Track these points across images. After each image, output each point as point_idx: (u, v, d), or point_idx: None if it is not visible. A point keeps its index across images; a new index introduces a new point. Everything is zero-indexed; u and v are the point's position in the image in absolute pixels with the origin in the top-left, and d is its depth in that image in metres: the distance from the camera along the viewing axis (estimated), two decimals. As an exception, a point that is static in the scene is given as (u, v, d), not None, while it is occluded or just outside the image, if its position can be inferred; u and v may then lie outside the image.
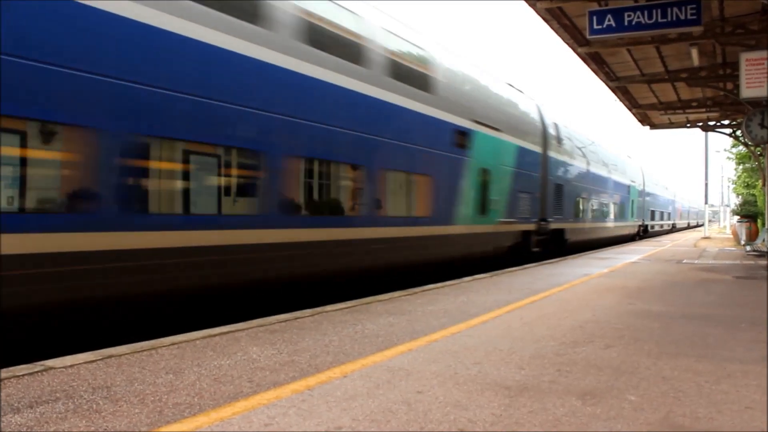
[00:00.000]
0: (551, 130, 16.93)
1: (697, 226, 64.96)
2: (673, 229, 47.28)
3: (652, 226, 36.13)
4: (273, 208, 7.04)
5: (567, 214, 17.99)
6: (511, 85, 14.73)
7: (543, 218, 15.76)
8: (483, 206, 12.30)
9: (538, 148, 15.72)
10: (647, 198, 33.93)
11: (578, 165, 19.68)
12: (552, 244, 16.53)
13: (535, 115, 15.95)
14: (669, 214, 45.30)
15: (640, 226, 31.19)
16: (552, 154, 16.81)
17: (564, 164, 18.03)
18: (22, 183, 4.84)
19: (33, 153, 4.88)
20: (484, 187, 12.35)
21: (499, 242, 13.27)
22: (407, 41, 9.87)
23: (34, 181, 4.97)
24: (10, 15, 4.50)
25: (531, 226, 14.98)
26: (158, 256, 5.54)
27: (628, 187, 27.88)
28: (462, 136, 11.34)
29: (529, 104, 15.71)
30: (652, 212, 36.28)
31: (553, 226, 16.51)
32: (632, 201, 28.68)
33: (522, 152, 14.47)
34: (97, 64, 5.04)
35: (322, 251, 7.78)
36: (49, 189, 5.11)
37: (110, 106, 5.17)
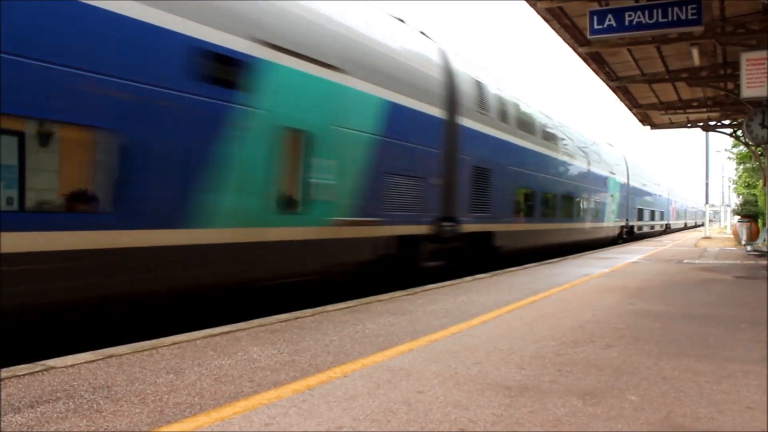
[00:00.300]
0: (468, 90, 11.44)
1: (696, 226, 63.38)
2: (667, 231, 41.82)
3: (640, 228, 30.49)
4: None
5: (498, 211, 12.67)
6: (401, 21, 10.00)
7: (449, 216, 10.51)
8: (290, 195, 7.18)
9: (437, 112, 10.22)
10: (633, 194, 28.43)
11: (518, 143, 14.00)
12: (470, 254, 11.57)
13: (433, 64, 10.43)
14: (662, 213, 39.61)
15: (622, 227, 25.87)
16: (469, 123, 11.35)
17: (492, 140, 12.46)
18: None
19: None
20: (294, 162, 7.17)
21: (335, 256, 7.90)
22: None
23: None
24: None
25: (421, 229, 9.64)
26: None
27: (605, 179, 22.68)
28: (226, 66, 6.25)
29: (423, 47, 10.32)
30: (640, 211, 30.56)
31: (471, 228, 11.26)
32: (611, 196, 23.43)
33: (399, 113, 9.03)
34: None
35: None
36: None
37: None
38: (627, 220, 26.70)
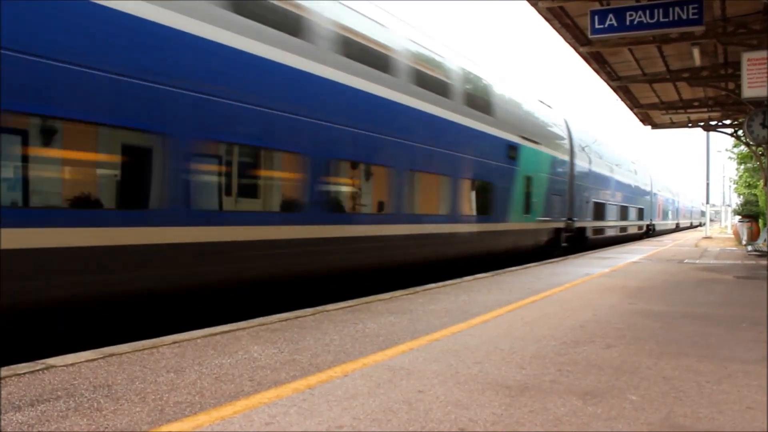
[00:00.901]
0: None
1: (692, 227, 60.22)
2: (649, 234, 32.89)
3: (598, 230, 21.56)
4: None
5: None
6: None
7: None
8: None
9: None
10: (583, 180, 19.75)
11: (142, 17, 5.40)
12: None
13: None
14: (640, 210, 30.03)
15: (559, 230, 17.31)
16: None
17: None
18: None
19: None
20: None
21: None
22: None
23: None
24: None
25: None
26: None
27: (510, 147, 13.77)
28: None
29: None
30: (599, 205, 21.62)
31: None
32: (526, 179, 14.72)
33: None
34: None
35: None
36: None
37: None
38: (571, 218, 18.28)
